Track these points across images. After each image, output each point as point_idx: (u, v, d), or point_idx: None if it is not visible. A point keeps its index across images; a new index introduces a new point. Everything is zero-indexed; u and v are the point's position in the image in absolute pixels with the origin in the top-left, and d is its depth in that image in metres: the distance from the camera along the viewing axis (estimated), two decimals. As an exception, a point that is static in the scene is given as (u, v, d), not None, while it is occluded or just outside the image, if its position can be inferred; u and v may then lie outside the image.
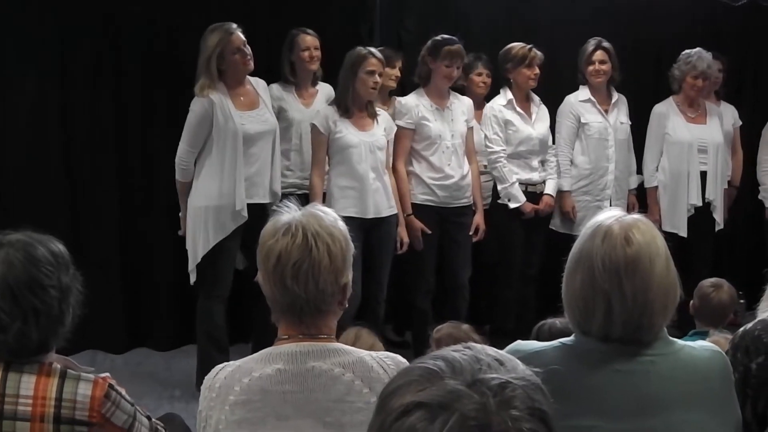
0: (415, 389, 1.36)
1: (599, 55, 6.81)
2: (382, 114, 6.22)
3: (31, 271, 2.77)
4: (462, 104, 6.48)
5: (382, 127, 6.14)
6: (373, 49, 6.04)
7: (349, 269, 2.67)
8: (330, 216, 2.68)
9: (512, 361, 1.44)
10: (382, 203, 6.10)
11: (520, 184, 6.63)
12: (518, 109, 6.68)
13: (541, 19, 7.30)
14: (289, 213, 2.65)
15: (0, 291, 2.75)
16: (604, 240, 2.59)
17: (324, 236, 2.59)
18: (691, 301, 4.89)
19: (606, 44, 6.81)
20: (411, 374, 1.40)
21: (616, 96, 6.98)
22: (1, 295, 2.75)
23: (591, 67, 6.82)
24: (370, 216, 6.02)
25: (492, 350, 1.46)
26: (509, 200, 6.61)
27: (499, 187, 6.64)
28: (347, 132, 5.94)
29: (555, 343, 2.71)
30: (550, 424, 1.37)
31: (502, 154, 6.60)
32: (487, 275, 6.95)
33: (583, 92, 6.93)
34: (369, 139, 6.02)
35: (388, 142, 6.18)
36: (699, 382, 2.61)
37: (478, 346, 1.47)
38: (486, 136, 6.64)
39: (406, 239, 6.25)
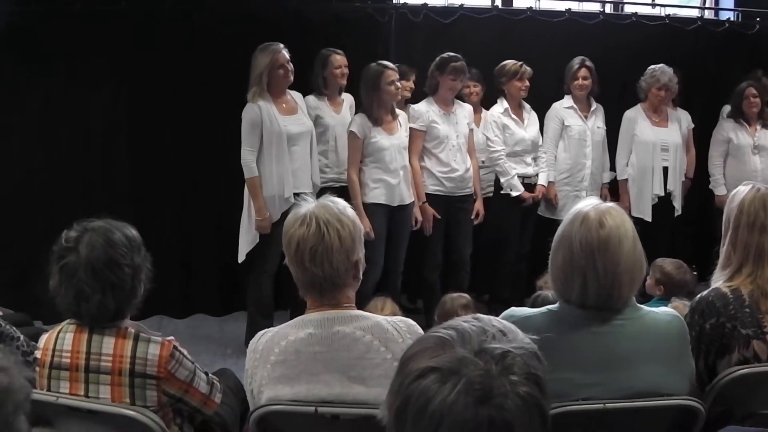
0: (430, 355, 1.37)
1: (583, 72, 6.81)
2: (402, 115, 6.21)
3: (109, 252, 2.80)
4: (464, 110, 6.45)
5: (404, 129, 6.14)
6: (385, 62, 6.03)
7: (358, 248, 2.67)
8: (339, 205, 2.70)
9: (513, 331, 1.44)
10: (405, 193, 6.11)
11: (518, 177, 6.63)
12: (513, 115, 6.67)
13: (526, 41, 7.26)
14: (306, 205, 2.68)
15: (84, 268, 2.78)
16: (582, 224, 2.61)
17: (334, 223, 2.61)
18: (657, 277, 4.89)
19: (589, 63, 6.83)
20: (427, 342, 1.41)
21: (594, 105, 6.97)
22: (85, 272, 2.78)
23: (576, 82, 6.82)
24: (396, 204, 6.05)
25: (497, 321, 1.46)
26: (511, 190, 6.61)
27: (501, 180, 6.63)
28: (380, 137, 5.94)
29: (542, 309, 2.74)
30: (543, 386, 1.38)
31: (502, 153, 6.60)
32: (487, 253, 6.93)
33: (567, 100, 6.92)
34: (396, 142, 6.02)
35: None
36: (660, 341, 2.63)
37: (486, 317, 1.47)
38: (488, 138, 6.64)
39: (420, 218, 6.24)
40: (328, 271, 2.60)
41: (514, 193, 6.61)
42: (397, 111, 6.14)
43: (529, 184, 6.73)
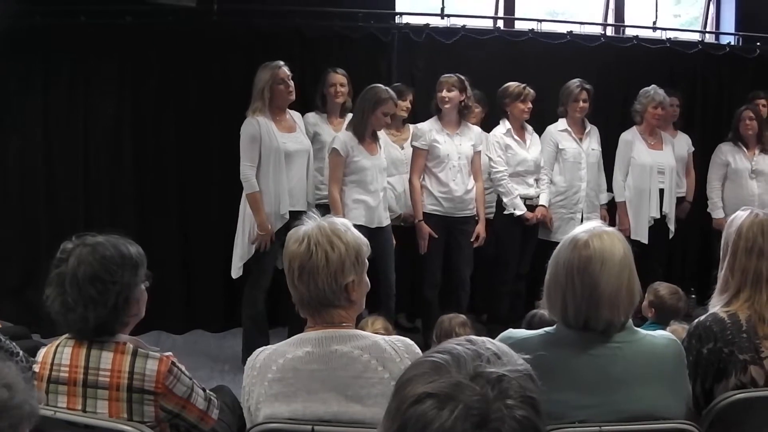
0: (426, 380, 1.36)
1: (584, 95, 6.79)
2: (383, 138, 6.26)
3: (95, 267, 2.81)
4: (471, 131, 6.45)
5: (383, 150, 6.17)
6: (393, 94, 6.03)
7: (351, 271, 2.65)
8: (338, 226, 2.69)
9: (508, 354, 1.44)
10: (383, 215, 6.12)
11: (520, 198, 6.62)
12: (515, 136, 6.65)
13: (527, 63, 7.28)
14: (308, 223, 2.68)
15: (69, 281, 2.81)
16: (570, 245, 2.64)
17: (324, 244, 2.61)
18: (650, 299, 4.88)
19: (588, 85, 6.81)
20: (423, 366, 1.41)
21: (589, 127, 6.97)
22: (70, 285, 2.81)
23: (577, 104, 6.79)
24: (374, 226, 6.01)
25: (491, 344, 1.46)
26: (514, 209, 6.58)
27: (505, 199, 6.59)
28: (362, 157, 5.93)
29: (540, 331, 2.75)
30: (539, 409, 1.37)
31: (505, 173, 6.57)
32: (487, 273, 6.92)
33: (561, 123, 6.90)
34: (377, 162, 6.02)
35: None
36: (657, 365, 2.63)
37: (480, 340, 1.47)
38: (490, 159, 6.62)
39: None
40: (314, 290, 2.62)
41: (517, 213, 6.59)
42: (378, 133, 6.14)
43: (531, 206, 6.71)
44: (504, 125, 6.69)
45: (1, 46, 6.31)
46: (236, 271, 5.99)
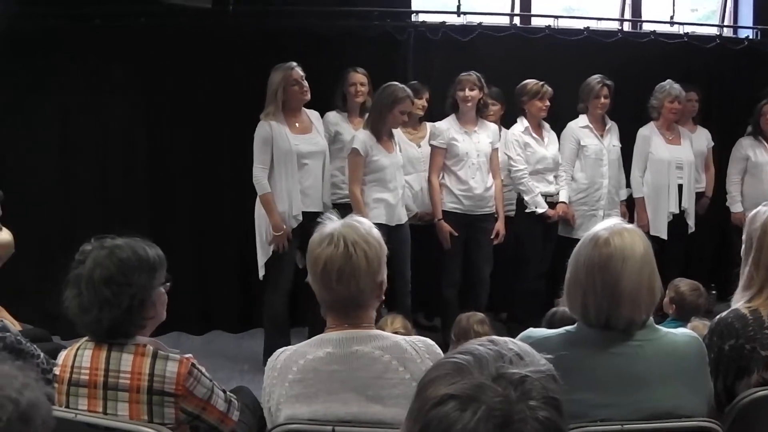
0: (448, 382, 1.36)
1: (605, 91, 6.78)
2: (398, 136, 6.27)
3: (110, 270, 2.82)
4: (488, 129, 6.45)
5: (398, 148, 6.18)
6: (410, 93, 6.04)
7: (383, 269, 2.68)
8: (365, 225, 2.69)
9: (530, 354, 1.44)
10: (402, 212, 6.15)
11: (541, 195, 6.62)
12: (533, 134, 6.67)
13: (544, 60, 7.25)
14: (332, 224, 2.67)
15: (85, 282, 2.83)
16: (590, 242, 2.63)
17: (361, 244, 2.60)
18: (671, 296, 4.86)
19: (608, 81, 6.79)
20: (444, 367, 1.41)
21: (609, 123, 6.96)
22: (86, 286, 2.82)
23: (598, 101, 6.78)
24: (394, 223, 6.04)
25: (513, 344, 1.46)
26: (536, 207, 6.59)
27: (526, 198, 6.60)
28: (381, 156, 5.95)
29: (561, 330, 2.74)
30: (561, 409, 1.37)
31: (525, 171, 6.59)
32: (506, 271, 6.89)
33: (582, 120, 6.89)
34: (395, 160, 6.05)
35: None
36: (678, 362, 2.63)
37: (502, 340, 1.47)
38: (510, 157, 6.63)
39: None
40: (354, 292, 2.61)
41: (539, 210, 6.59)
42: (393, 131, 6.16)
43: (552, 203, 6.71)
44: (522, 123, 6.69)
45: (15, 47, 6.33)
46: (262, 271, 6.01)
